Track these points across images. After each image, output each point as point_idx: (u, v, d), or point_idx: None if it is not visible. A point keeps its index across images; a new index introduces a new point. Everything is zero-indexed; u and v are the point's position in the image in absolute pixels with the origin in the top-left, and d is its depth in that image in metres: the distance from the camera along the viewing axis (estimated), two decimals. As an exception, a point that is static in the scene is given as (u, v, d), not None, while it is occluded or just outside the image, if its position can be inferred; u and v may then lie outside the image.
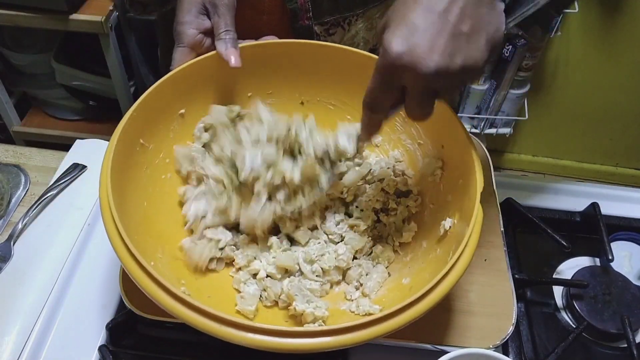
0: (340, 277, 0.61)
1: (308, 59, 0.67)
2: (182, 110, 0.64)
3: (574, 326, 0.66)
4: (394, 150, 0.70)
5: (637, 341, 0.64)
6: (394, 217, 0.64)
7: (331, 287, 0.61)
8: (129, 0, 0.76)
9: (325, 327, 0.44)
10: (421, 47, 0.43)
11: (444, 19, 0.43)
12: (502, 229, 0.67)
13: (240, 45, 0.63)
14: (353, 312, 0.57)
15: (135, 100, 0.59)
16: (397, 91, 0.48)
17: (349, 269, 0.61)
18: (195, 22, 0.62)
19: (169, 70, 0.63)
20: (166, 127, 0.63)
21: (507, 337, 0.58)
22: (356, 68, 0.65)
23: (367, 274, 0.61)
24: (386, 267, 0.62)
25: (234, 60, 0.61)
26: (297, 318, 0.56)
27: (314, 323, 0.55)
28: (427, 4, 0.43)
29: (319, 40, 0.72)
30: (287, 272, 0.61)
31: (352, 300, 0.59)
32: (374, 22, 0.72)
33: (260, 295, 0.59)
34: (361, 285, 0.60)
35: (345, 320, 0.48)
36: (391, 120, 0.66)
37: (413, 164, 0.68)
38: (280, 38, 0.72)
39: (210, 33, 0.63)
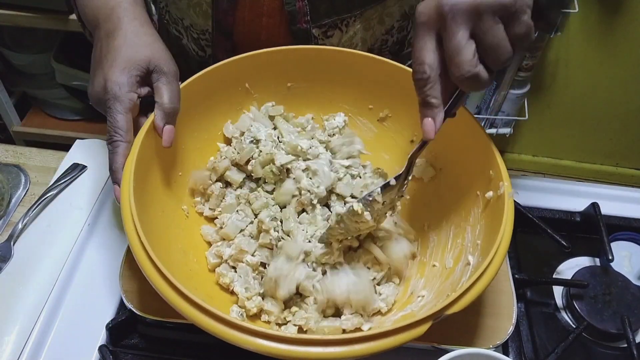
0: None
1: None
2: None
3: (574, 326, 0.66)
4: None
5: (637, 341, 0.64)
6: None
7: None
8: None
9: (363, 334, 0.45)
10: None
11: None
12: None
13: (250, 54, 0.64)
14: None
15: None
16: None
17: None
18: (131, 85, 0.56)
19: None
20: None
21: (507, 337, 0.58)
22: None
23: None
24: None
25: (168, 141, 0.57)
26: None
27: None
28: None
29: (317, 43, 0.72)
30: None
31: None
32: (371, 22, 0.72)
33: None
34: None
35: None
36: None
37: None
38: (278, 40, 0.72)
39: (144, 99, 0.58)
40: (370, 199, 0.56)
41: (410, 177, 0.57)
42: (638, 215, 0.77)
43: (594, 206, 0.74)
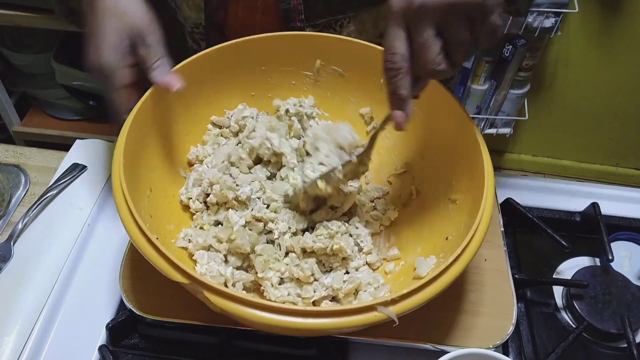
0: None
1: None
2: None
3: (574, 326, 0.66)
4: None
5: (637, 341, 0.64)
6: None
7: None
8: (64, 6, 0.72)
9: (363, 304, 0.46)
10: None
11: None
12: (502, 229, 0.67)
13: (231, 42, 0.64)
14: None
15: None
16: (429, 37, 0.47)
17: None
18: (123, 61, 0.57)
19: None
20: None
21: (507, 337, 0.58)
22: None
23: None
24: None
25: (176, 83, 0.58)
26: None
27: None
28: None
29: None
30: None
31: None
32: (366, 25, 0.72)
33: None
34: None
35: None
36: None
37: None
38: None
39: (138, 66, 0.59)
40: (332, 175, 0.60)
41: (371, 152, 0.60)
42: (638, 215, 0.77)
43: (594, 206, 0.74)
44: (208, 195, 0.64)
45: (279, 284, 0.59)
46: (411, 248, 0.62)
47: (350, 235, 0.63)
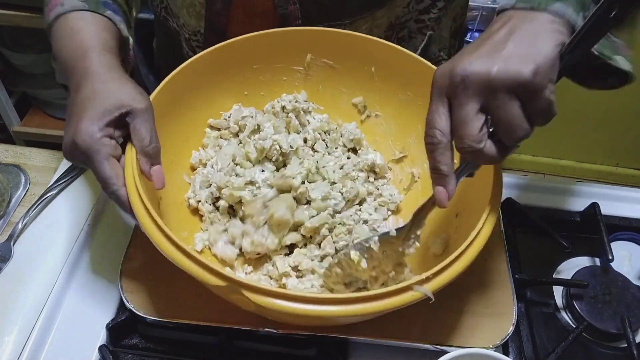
0: None
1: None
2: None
3: (574, 326, 0.66)
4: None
5: (637, 341, 0.64)
6: None
7: None
8: None
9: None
10: (514, 60, 0.44)
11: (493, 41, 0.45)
12: (502, 229, 0.67)
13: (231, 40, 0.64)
14: None
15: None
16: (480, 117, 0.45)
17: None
18: (104, 131, 0.53)
19: (166, 71, 0.63)
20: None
21: (507, 337, 0.58)
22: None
23: None
24: None
25: (160, 182, 0.55)
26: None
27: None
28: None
29: None
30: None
31: None
32: (361, 32, 0.72)
33: None
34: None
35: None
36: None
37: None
38: None
39: (122, 140, 0.55)
40: (367, 245, 0.55)
41: (419, 233, 0.55)
42: (638, 215, 0.77)
43: (594, 206, 0.74)
44: (218, 198, 0.65)
45: (300, 277, 0.60)
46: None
47: (365, 222, 0.64)
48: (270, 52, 0.70)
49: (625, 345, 0.63)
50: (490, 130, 0.46)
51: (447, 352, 0.52)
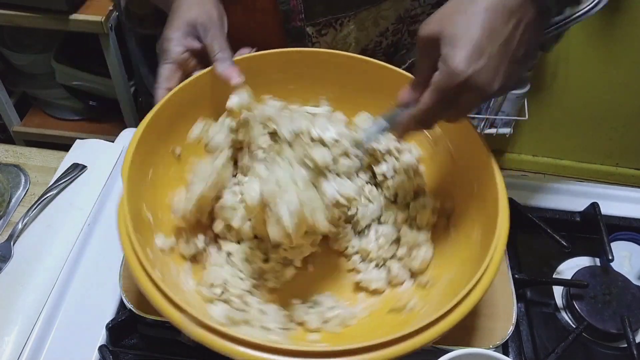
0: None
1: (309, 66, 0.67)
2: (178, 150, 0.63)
3: (574, 326, 0.66)
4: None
5: (637, 341, 0.64)
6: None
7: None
8: (127, 12, 0.76)
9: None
10: (488, 73, 0.46)
11: (506, 47, 0.46)
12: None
13: (238, 58, 0.63)
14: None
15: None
16: (452, 102, 0.49)
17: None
18: (183, 40, 0.62)
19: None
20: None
21: (507, 337, 0.58)
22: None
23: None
24: None
25: (236, 77, 0.60)
26: None
27: None
28: (491, 31, 0.46)
29: (311, 41, 0.72)
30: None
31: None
32: (366, 23, 0.73)
33: None
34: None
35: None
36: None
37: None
38: (272, 38, 0.72)
39: (197, 54, 0.63)
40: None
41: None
42: (638, 215, 0.77)
43: (594, 206, 0.74)
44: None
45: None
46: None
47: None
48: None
49: (625, 345, 0.63)
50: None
51: (447, 352, 0.52)
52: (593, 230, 0.73)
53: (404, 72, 0.65)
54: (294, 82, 0.68)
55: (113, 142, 0.84)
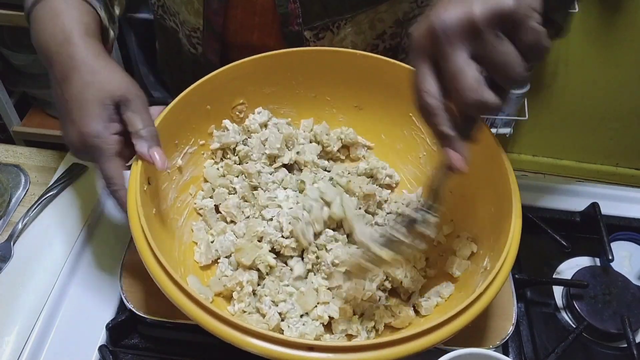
0: None
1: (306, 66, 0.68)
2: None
3: (574, 326, 0.66)
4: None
5: (637, 341, 0.64)
6: None
7: None
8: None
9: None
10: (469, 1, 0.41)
11: None
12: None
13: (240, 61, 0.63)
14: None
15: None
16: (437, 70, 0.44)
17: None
18: (109, 129, 0.54)
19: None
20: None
21: (507, 337, 0.58)
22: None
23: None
24: None
25: (161, 161, 0.54)
26: None
27: None
28: None
29: (308, 44, 0.72)
30: None
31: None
32: (362, 26, 0.72)
33: None
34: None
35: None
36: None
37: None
38: (270, 41, 0.72)
39: (124, 134, 0.55)
40: (395, 239, 0.51)
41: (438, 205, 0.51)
42: (638, 215, 0.77)
43: (594, 206, 0.74)
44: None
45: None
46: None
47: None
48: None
49: (625, 345, 0.63)
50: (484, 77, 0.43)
51: (447, 352, 0.52)
52: (593, 230, 0.73)
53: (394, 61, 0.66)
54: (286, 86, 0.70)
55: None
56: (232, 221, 0.65)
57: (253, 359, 0.54)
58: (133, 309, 0.57)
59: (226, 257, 0.62)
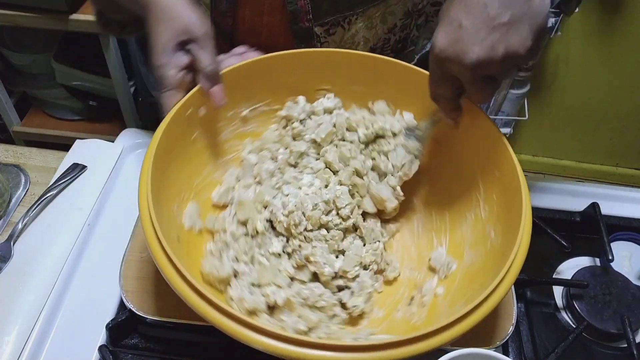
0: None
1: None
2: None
3: (574, 326, 0.66)
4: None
5: (637, 341, 0.64)
6: None
7: None
8: (104, 20, 0.74)
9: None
10: (464, 41, 0.48)
11: (485, 13, 0.47)
12: (502, 229, 0.67)
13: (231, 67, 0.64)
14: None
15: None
16: (450, 82, 0.53)
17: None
18: (173, 61, 0.59)
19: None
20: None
21: (507, 337, 0.58)
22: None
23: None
24: None
25: (217, 99, 0.60)
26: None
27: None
28: (469, 2, 0.48)
29: (319, 41, 0.72)
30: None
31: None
32: (374, 21, 0.72)
33: None
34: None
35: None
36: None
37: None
38: (279, 39, 0.72)
39: (190, 67, 0.60)
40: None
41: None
42: (638, 215, 0.77)
43: (594, 206, 0.74)
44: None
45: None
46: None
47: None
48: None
49: (625, 345, 0.63)
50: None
51: (447, 352, 0.52)
52: (593, 230, 0.73)
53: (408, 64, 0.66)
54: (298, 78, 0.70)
55: (113, 142, 0.84)
56: (259, 182, 0.67)
57: (253, 358, 0.54)
58: (133, 309, 0.58)
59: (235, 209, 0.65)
